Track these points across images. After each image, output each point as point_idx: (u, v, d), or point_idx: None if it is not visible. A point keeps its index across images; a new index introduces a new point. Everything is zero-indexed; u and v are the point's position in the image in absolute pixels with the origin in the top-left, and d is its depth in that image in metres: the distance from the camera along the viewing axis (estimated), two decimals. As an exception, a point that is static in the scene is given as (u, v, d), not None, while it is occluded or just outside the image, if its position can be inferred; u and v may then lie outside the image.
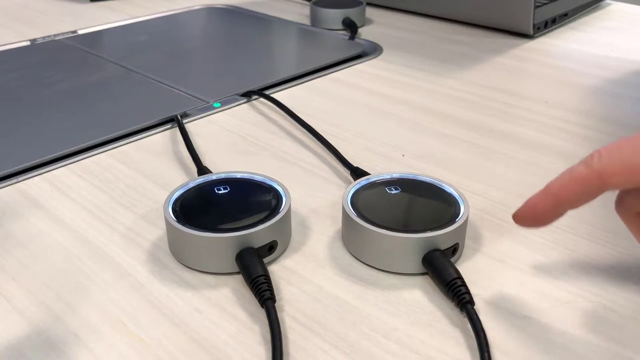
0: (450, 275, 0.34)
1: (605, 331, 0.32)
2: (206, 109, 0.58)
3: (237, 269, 0.35)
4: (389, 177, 0.41)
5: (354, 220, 0.37)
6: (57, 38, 0.78)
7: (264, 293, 0.33)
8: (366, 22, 0.84)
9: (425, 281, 0.36)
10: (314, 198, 0.44)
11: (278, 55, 0.77)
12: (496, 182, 0.46)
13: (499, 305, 0.34)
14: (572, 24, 0.84)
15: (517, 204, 0.43)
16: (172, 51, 0.76)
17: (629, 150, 0.30)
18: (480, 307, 0.34)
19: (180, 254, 0.37)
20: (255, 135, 0.53)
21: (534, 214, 0.32)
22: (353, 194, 0.39)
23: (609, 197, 0.44)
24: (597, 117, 0.56)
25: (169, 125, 0.55)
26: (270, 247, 0.37)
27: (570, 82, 0.65)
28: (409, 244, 0.35)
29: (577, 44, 0.76)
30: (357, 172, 0.44)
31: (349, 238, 0.38)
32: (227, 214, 0.38)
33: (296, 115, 0.54)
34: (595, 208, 0.43)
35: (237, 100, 0.60)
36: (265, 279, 0.34)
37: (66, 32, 0.80)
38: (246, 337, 0.32)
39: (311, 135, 0.52)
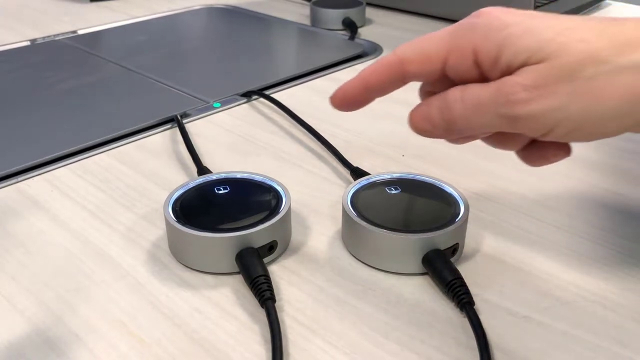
0: (450, 276, 0.34)
1: (605, 331, 0.32)
2: (206, 109, 0.58)
3: (237, 269, 0.35)
4: (389, 177, 0.41)
5: (354, 220, 0.37)
6: (57, 38, 0.78)
7: (264, 293, 0.33)
8: (366, 22, 0.84)
9: (425, 281, 0.36)
10: (314, 198, 0.44)
11: (278, 55, 0.77)
12: (496, 182, 0.46)
13: (499, 305, 0.34)
14: (572, 24, 0.84)
15: (517, 203, 0.43)
16: (172, 51, 0.76)
17: (426, 39, 0.32)
18: (480, 307, 0.34)
19: (180, 254, 0.37)
20: (255, 135, 0.53)
21: (347, 98, 0.34)
22: (353, 194, 0.39)
23: (609, 197, 0.44)
24: (597, 117, 0.56)
25: (169, 125, 0.55)
26: (270, 247, 0.37)
27: (570, 82, 0.64)
28: (409, 244, 0.35)
29: (577, 44, 0.76)
30: (357, 172, 0.44)
31: (349, 238, 0.38)
32: (227, 214, 0.38)
33: (296, 115, 0.54)
34: (595, 208, 0.43)
35: (237, 100, 0.60)
36: (265, 279, 0.34)
37: (66, 32, 0.80)
38: (246, 337, 0.32)
39: (311, 135, 0.52)
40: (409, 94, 0.64)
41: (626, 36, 0.29)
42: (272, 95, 0.59)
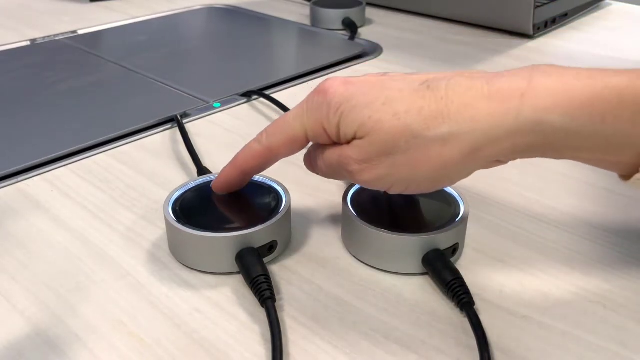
0: (450, 276, 0.34)
1: (605, 331, 0.32)
2: (206, 109, 0.58)
3: (237, 269, 0.35)
4: (389, 177, 0.41)
5: (354, 220, 0.37)
6: (57, 38, 0.78)
7: (264, 293, 0.33)
8: (366, 22, 0.84)
9: (425, 281, 0.36)
10: (314, 198, 0.44)
11: (278, 55, 0.77)
12: (496, 182, 0.46)
13: (499, 305, 0.34)
14: (572, 24, 0.84)
15: (517, 203, 0.43)
16: (172, 51, 0.76)
17: (285, 124, 0.35)
18: (480, 307, 0.34)
19: (180, 254, 0.37)
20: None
21: (227, 184, 0.38)
22: (353, 194, 0.39)
23: (608, 198, 0.44)
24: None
25: (169, 125, 0.55)
26: (270, 247, 0.37)
27: (570, 82, 0.64)
28: (409, 244, 0.35)
29: (577, 44, 0.76)
30: (357, 172, 0.44)
31: (349, 238, 0.38)
32: (227, 214, 0.38)
33: (296, 115, 0.54)
34: (595, 208, 0.43)
35: (237, 100, 0.60)
36: (265, 278, 0.34)
37: (66, 32, 0.80)
38: (246, 337, 0.32)
39: (311, 135, 0.52)
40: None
41: (432, 109, 0.31)
42: (272, 95, 0.59)
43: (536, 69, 0.31)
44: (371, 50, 0.73)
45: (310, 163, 0.37)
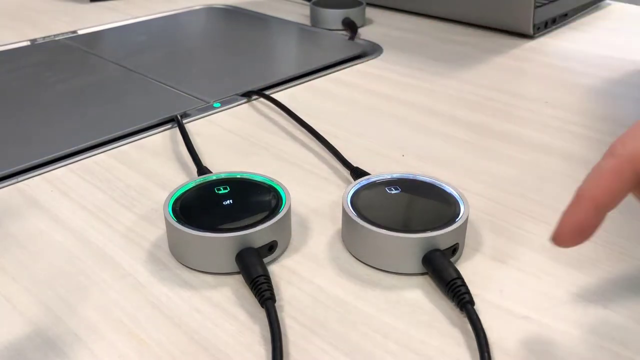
0: (450, 275, 0.34)
1: (605, 331, 0.32)
2: (206, 109, 0.58)
3: (237, 269, 0.35)
4: (389, 177, 0.41)
5: (354, 220, 0.37)
6: (57, 38, 0.78)
7: (264, 293, 0.33)
8: (366, 22, 0.84)
9: (425, 281, 0.36)
10: (314, 198, 0.44)
11: (278, 55, 0.77)
12: (496, 182, 0.46)
13: (499, 305, 0.34)
14: (572, 24, 0.84)
15: (517, 204, 0.43)
16: (172, 51, 0.76)
17: None
18: (480, 307, 0.34)
19: (180, 254, 0.37)
20: (255, 135, 0.53)
21: (577, 229, 0.28)
22: (353, 194, 0.39)
23: (609, 197, 0.44)
24: (598, 117, 0.56)
25: (169, 125, 0.55)
26: (270, 247, 0.37)
27: (570, 82, 0.65)
28: (409, 244, 0.35)
29: (577, 44, 0.76)
30: (357, 172, 0.44)
31: (349, 238, 0.38)
32: (227, 214, 0.38)
33: (296, 115, 0.54)
34: (595, 208, 0.43)
35: (237, 100, 0.60)
36: (265, 279, 0.34)
37: (66, 32, 0.80)
38: (246, 337, 0.32)
39: (311, 135, 0.52)
40: (410, 94, 0.64)
41: None
42: (272, 95, 0.59)
43: None
44: (371, 50, 0.73)
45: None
